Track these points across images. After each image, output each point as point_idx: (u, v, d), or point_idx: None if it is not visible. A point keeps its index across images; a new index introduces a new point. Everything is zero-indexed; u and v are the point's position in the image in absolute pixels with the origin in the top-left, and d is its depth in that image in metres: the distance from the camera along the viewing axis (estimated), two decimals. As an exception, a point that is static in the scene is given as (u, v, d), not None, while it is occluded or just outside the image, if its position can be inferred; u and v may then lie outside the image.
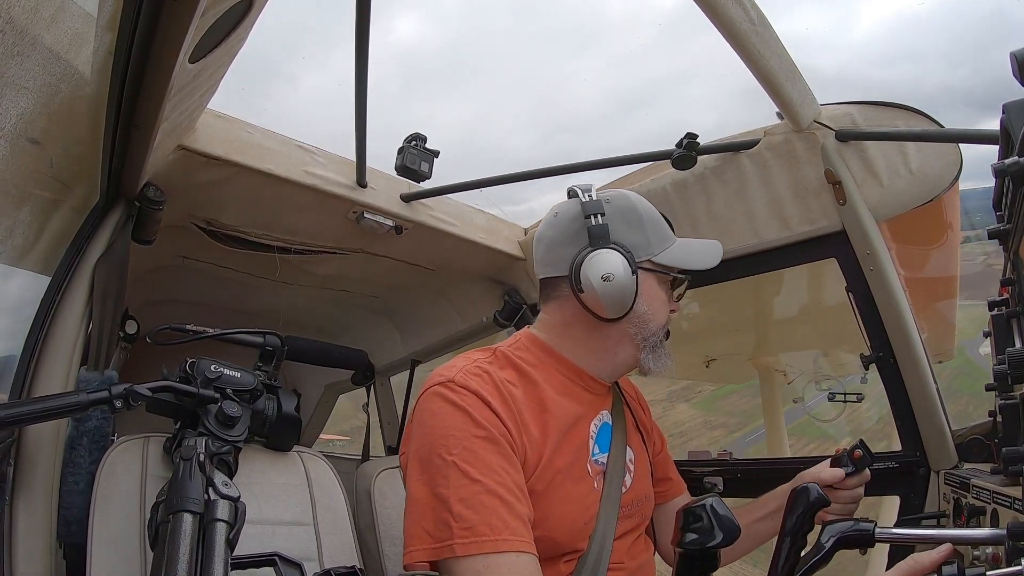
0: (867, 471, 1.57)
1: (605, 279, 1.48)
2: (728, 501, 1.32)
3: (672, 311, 1.65)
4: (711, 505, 1.26)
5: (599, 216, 1.54)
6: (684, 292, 1.71)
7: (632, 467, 1.64)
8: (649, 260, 1.57)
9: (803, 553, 1.33)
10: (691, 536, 1.26)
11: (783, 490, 1.69)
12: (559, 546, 1.40)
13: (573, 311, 1.58)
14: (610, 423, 1.63)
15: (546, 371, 1.54)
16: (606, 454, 1.57)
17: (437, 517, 1.27)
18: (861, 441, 1.57)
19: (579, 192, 1.60)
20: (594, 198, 1.58)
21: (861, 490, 1.61)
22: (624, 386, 1.80)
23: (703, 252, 1.64)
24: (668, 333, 1.65)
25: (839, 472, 1.56)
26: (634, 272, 1.50)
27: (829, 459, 1.61)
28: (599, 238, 1.53)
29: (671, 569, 1.58)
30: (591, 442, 1.55)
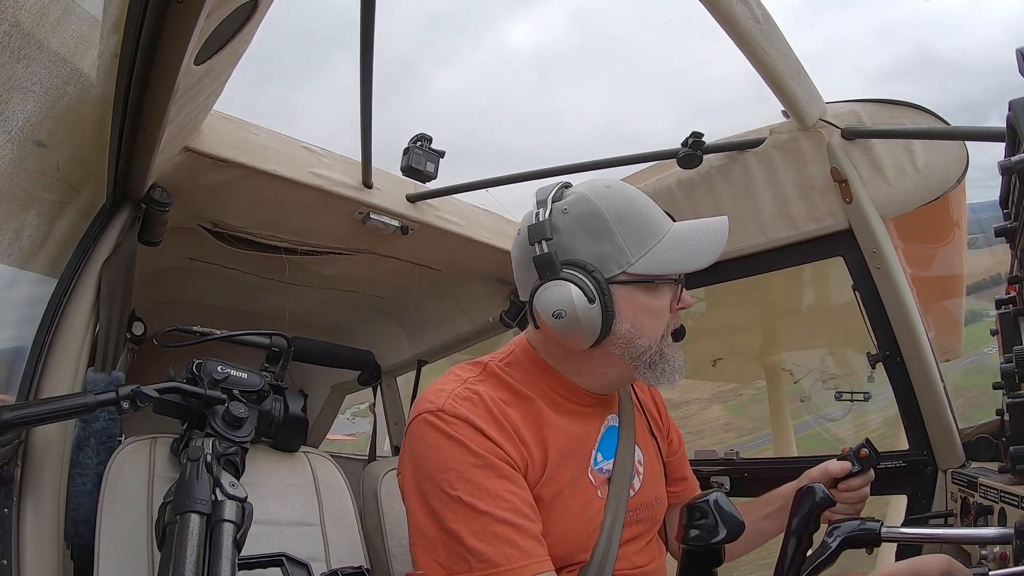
0: (872, 471, 1.55)
1: (556, 315, 1.33)
2: (734, 500, 1.32)
3: (681, 307, 1.47)
4: (715, 501, 1.26)
5: (543, 243, 1.37)
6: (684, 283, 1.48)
7: (641, 468, 1.58)
8: (624, 272, 1.37)
9: (809, 553, 1.33)
10: (695, 532, 1.26)
11: (786, 489, 1.67)
12: (560, 560, 1.36)
13: (551, 335, 1.42)
14: (616, 425, 1.58)
15: (540, 389, 1.46)
16: (611, 460, 1.52)
17: (450, 551, 1.26)
18: (867, 440, 1.55)
19: (536, 204, 1.43)
20: (546, 214, 1.40)
21: (867, 490, 1.58)
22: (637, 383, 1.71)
23: (698, 246, 1.42)
24: (681, 333, 1.49)
25: (846, 464, 1.53)
26: (594, 299, 1.33)
27: (835, 458, 1.60)
28: (546, 268, 1.36)
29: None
30: (593, 452, 1.49)
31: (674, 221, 1.48)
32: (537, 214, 1.41)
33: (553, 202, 1.42)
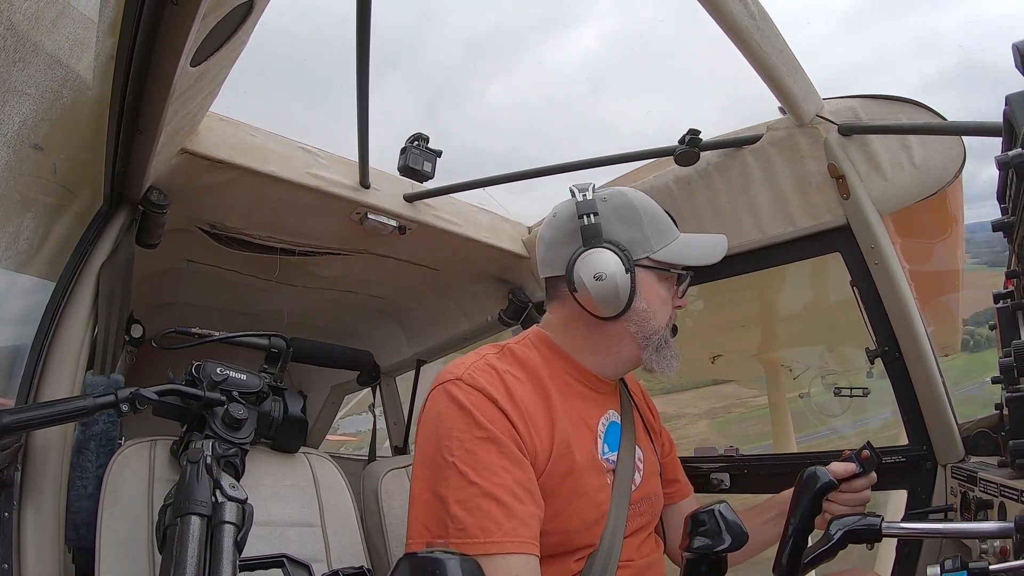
0: (873, 473, 1.57)
1: (597, 278, 1.50)
2: (734, 499, 1.33)
3: (677, 307, 1.66)
4: (719, 511, 1.27)
5: (592, 216, 1.56)
6: (688, 287, 1.69)
7: (641, 466, 1.66)
8: (648, 257, 1.57)
9: (811, 544, 1.34)
10: (699, 541, 1.28)
11: (785, 495, 1.70)
12: (572, 540, 1.43)
13: (573, 310, 1.60)
14: (619, 422, 1.66)
15: (552, 369, 1.56)
16: (615, 452, 1.60)
17: (435, 515, 1.32)
18: (868, 443, 1.57)
19: (575, 191, 1.61)
20: (590, 197, 1.59)
21: (868, 492, 1.61)
22: (632, 387, 1.83)
23: (706, 247, 1.65)
24: (675, 329, 1.66)
25: (850, 465, 1.55)
26: (629, 270, 1.52)
27: (838, 459, 1.61)
28: (592, 237, 1.55)
29: (679, 569, 1.59)
30: (600, 440, 1.57)
31: (674, 223, 1.67)
32: (584, 194, 1.60)
33: (594, 193, 1.61)
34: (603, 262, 1.51)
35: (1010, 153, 1.10)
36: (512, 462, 1.36)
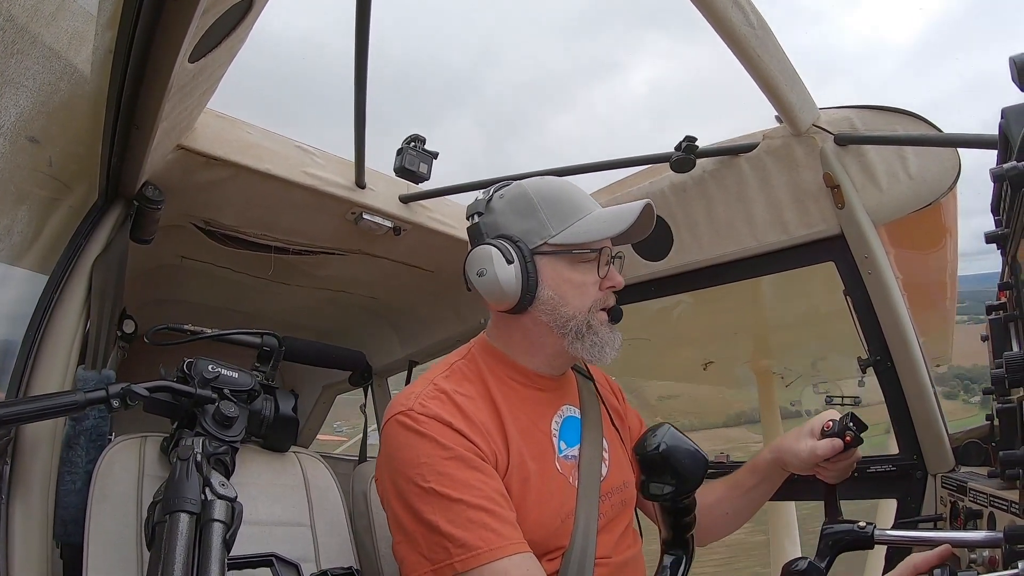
0: (860, 439, 1.60)
1: (479, 274, 1.51)
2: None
3: (611, 287, 1.59)
4: (663, 449, 1.30)
5: (476, 216, 1.61)
6: (613, 261, 1.62)
7: (607, 456, 1.66)
8: (546, 243, 1.53)
9: (802, 557, 1.33)
10: (656, 488, 1.29)
11: (760, 462, 1.78)
12: (539, 546, 1.41)
13: (495, 311, 1.62)
14: (577, 416, 1.66)
15: (498, 378, 1.57)
16: (576, 447, 1.60)
17: (430, 542, 1.32)
18: (852, 415, 1.58)
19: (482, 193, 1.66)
20: (483, 198, 1.63)
21: (857, 454, 1.65)
22: (596, 376, 1.83)
23: (612, 219, 1.55)
24: (615, 315, 1.60)
25: (837, 443, 1.57)
26: (514, 259, 1.50)
27: (820, 432, 1.64)
28: (475, 236, 1.59)
29: (661, 565, 1.61)
30: (555, 440, 1.57)
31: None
32: (477, 198, 1.64)
33: (494, 192, 1.63)
34: (483, 258, 1.51)
35: (1005, 166, 1.10)
36: (484, 474, 1.38)
